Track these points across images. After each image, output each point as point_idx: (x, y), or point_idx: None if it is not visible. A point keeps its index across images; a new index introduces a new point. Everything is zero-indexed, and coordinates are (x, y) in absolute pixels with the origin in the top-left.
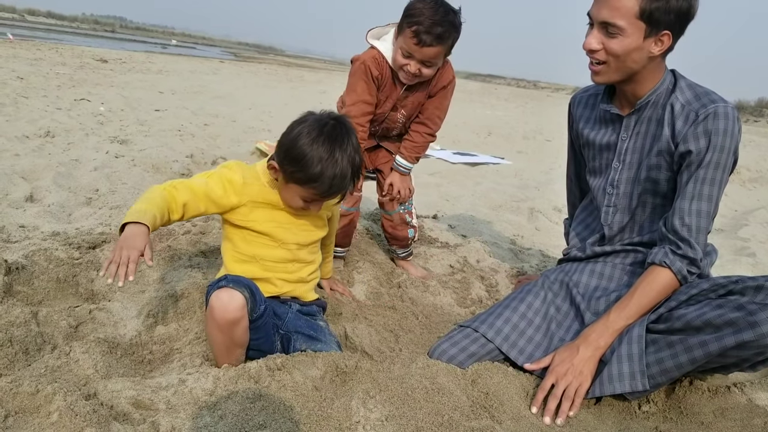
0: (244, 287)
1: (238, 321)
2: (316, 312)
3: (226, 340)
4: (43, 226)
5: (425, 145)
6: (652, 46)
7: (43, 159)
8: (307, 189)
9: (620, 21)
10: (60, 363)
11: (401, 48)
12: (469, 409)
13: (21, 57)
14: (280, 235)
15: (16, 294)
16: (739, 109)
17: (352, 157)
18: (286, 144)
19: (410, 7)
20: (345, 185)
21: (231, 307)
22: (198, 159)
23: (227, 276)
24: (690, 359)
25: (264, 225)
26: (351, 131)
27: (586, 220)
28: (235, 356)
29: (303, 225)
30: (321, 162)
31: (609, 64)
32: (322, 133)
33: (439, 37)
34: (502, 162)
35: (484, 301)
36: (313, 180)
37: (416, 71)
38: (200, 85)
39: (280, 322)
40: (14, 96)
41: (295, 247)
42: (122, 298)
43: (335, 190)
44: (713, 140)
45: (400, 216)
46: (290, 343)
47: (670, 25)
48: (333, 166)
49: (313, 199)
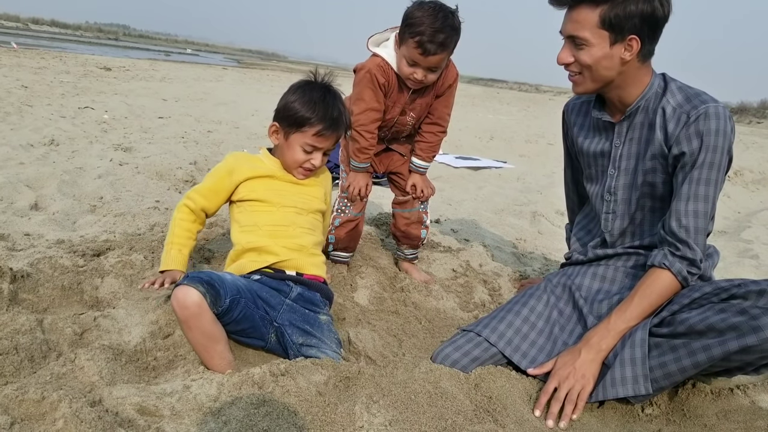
0: (200, 283)
1: (197, 315)
2: (319, 302)
3: (197, 335)
4: (47, 234)
5: (439, 143)
6: (622, 52)
7: (48, 167)
8: (305, 133)
9: (584, 33)
10: (65, 370)
11: (405, 57)
12: (473, 413)
13: (25, 66)
14: (276, 199)
15: (22, 302)
16: (742, 111)
17: (341, 106)
18: (282, 102)
19: (410, 15)
20: (339, 126)
21: (187, 302)
22: (202, 166)
23: (188, 274)
24: (693, 363)
25: (261, 193)
26: (338, 95)
27: (588, 225)
28: (217, 353)
29: (298, 191)
30: (314, 103)
31: (584, 75)
32: (314, 87)
33: (443, 44)
34: (504, 166)
35: (487, 305)
36: (310, 117)
37: (423, 78)
38: (203, 92)
39: (275, 314)
40: (19, 105)
41: (293, 211)
42: (126, 305)
43: (331, 127)
44: (705, 140)
45: (419, 214)
46: (284, 337)
47: (636, 29)
48: (325, 105)
49: (313, 144)
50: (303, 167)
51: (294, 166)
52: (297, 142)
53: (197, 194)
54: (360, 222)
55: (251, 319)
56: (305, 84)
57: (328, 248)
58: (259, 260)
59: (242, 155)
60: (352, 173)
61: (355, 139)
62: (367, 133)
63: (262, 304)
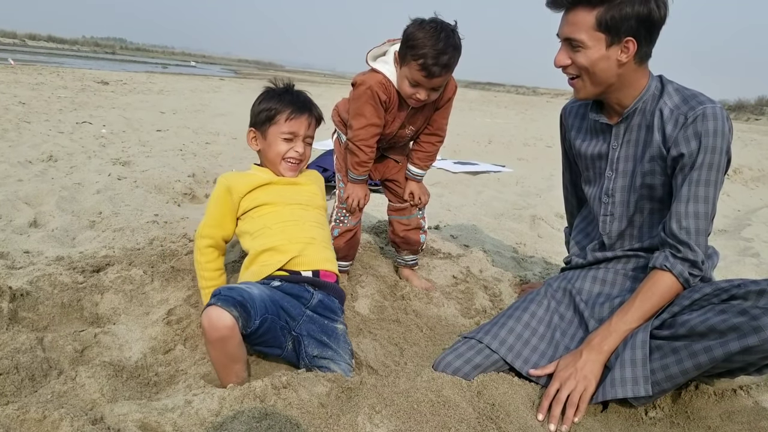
0: (233, 306)
1: (227, 339)
2: (338, 309)
3: (220, 356)
4: (47, 251)
5: (437, 152)
6: (619, 54)
7: (46, 183)
8: (278, 123)
9: (580, 35)
10: (66, 388)
11: (408, 78)
12: (476, 420)
13: (23, 82)
14: (280, 198)
15: (22, 320)
16: (740, 108)
17: (306, 96)
18: (251, 111)
19: (411, 37)
20: (308, 107)
21: (219, 325)
22: (200, 178)
23: (220, 291)
24: (695, 365)
25: (263, 197)
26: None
27: (586, 228)
28: (234, 372)
29: (298, 190)
30: (279, 95)
31: (582, 78)
32: (276, 89)
33: (446, 65)
34: (503, 170)
35: (488, 311)
36: (277, 106)
37: (426, 98)
38: (201, 103)
39: (294, 323)
40: (17, 121)
41: (299, 207)
42: (127, 321)
43: (300, 108)
44: (704, 141)
45: (417, 221)
46: (301, 347)
47: (632, 31)
48: (290, 95)
49: (290, 131)
50: (287, 158)
51: (278, 161)
52: (275, 136)
53: (210, 228)
54: (358, 230)
55: (273, 332)
56: (267, 89)
57: None
58: (272, 262)
59: (233, 174)
60: (350, 184)
61: (354, 153)
62: (367, 148)
63: (284, 315)
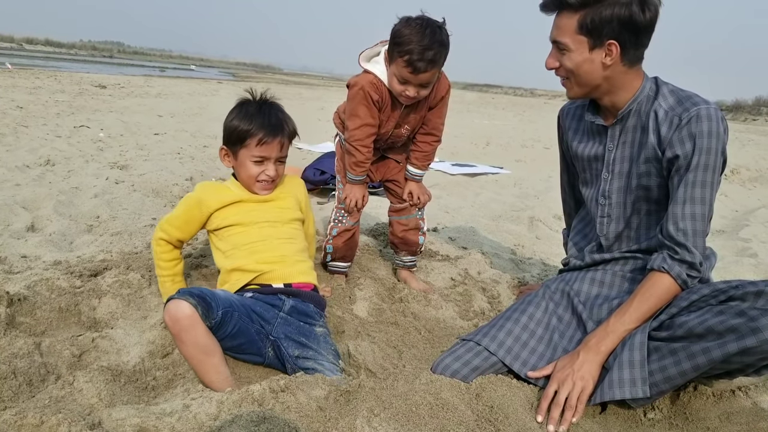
0: (191, 295)
1: (189, 328)
2: (314, 313)
3: (191, 350)
4: (44, 255)
5: (434, 151)
6: (603, 57)
7: (44, 188)
8: (249, 146)
9: (565, 38)
10: (64, 393)
11: (396, 75)
12: (474, 423)
13: (20, 86)
14: (248, 218)
15: (19, 325)
16: (737, 109)
17: (279, 113)
18: (224, 125)
19: (397, 34)
20: (280, 130)
21: (179, 315)
22: (198, 181)
23: (180, 290)
24: (693, 366)
25: (233, 217)
26: (276, 104)
27: (584, 230)
28: (212, 366)
29: (269, 207)
30: (251, 116)
31: (570, 80)
32: (249, 103)
33: (432, 61)
34: (501, 171)
35: (487, 313)
36: (249, 128)
37: (415, 95)
38: (199, 106)
39: (269, 327)
40: (14, 125)
41: (267, 225)
42: (124, 325)
43: (271, 133)
44: (698, 143)
45: (416, 221)
46: (281, 350)
47: (614, 34)
48: (262, 115)
49: (260, 155)
50: (259, 180)
51: (251, 183)
52: (245, 158)
53: (170, 226)
54: (356, 231)
55: (247, 334)
56: (241, 102)
57: (326, 258)
58: (243, 278)
59: (210, 186)
60: (349, 185)
61: (351, 153)
62: (363, 148)
63: (257, 318)
